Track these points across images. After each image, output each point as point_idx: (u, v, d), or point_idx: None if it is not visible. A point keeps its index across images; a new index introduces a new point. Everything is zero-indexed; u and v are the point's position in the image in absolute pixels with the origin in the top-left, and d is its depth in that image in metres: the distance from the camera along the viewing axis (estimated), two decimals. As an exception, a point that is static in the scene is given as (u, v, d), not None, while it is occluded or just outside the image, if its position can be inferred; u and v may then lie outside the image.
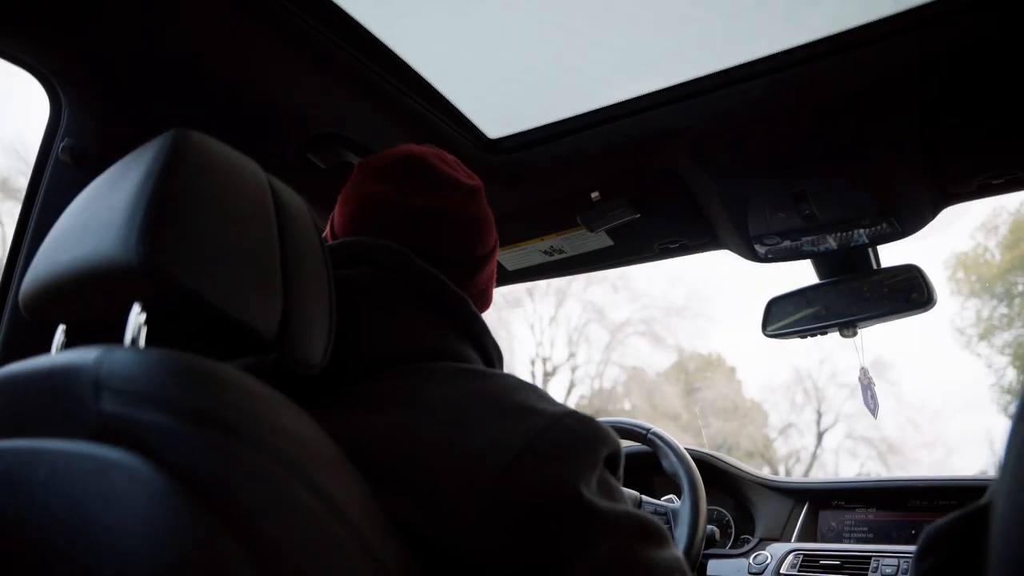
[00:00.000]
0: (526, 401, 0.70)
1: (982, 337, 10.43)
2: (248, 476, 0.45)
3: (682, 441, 1.52)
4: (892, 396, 11.87)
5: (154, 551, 0.41)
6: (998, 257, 10.42)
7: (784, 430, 12.44)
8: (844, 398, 11.46)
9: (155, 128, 0.61)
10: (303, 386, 0.66)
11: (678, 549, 0.72)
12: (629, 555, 0.65)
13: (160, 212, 0.52)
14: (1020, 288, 10.29)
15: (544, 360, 12.29)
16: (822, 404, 11.86)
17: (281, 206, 0.62)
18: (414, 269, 0.79)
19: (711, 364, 12.95)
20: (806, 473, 11.32)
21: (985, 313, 10.66)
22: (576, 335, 12.88)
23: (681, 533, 1.38)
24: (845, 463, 11.73)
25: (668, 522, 1.41)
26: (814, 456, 11.67)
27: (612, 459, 0.72)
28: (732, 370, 12.88)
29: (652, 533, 0.68)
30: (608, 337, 13.28)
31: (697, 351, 13.53)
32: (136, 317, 0.55)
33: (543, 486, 0.63)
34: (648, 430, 1.55)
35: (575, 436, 0.67)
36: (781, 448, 12.42)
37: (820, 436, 11.69)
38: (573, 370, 12.83)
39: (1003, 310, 10.44)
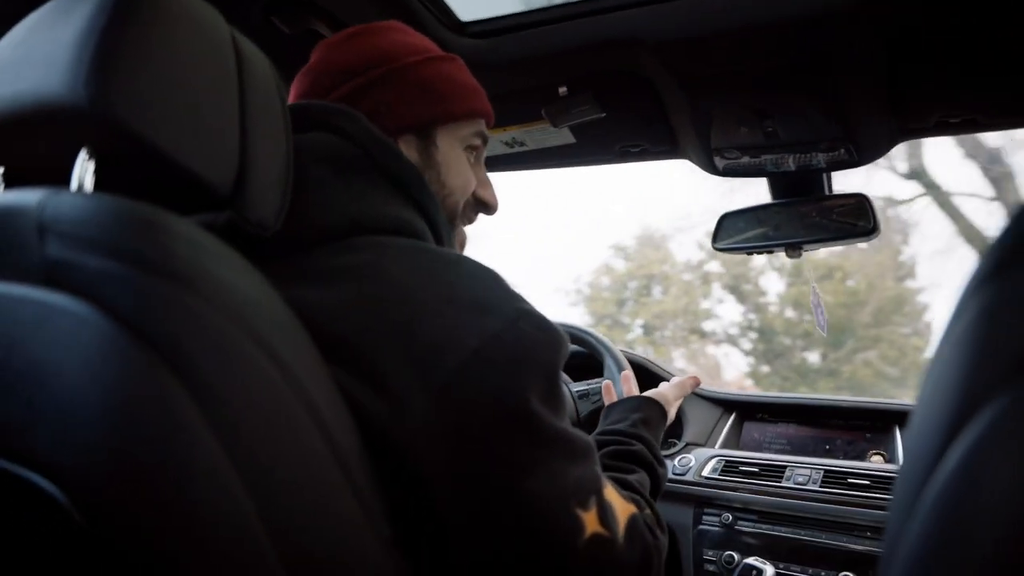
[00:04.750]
0: (484, 294, 0.68)
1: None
2: (196, 327, 0.44)
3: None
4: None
5: (100, 393, 0.41)
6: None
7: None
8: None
9: None
10: (253, 251, 0.66)
11: (598, 465, 0.73)
12: (562, 474, 0.66)
13: (111, 51, 0.49)
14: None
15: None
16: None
17: (243, 60, 0.59)
18: (370, 136, 0.76)
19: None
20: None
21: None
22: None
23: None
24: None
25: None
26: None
27: (562, 363, 0.72)
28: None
29: (579, 451, 0.70)
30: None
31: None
32: (83, 163, 0.53)
33: (494, 393, 0.63)
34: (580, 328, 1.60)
35: (530, 343, 0.66)
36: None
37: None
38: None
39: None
